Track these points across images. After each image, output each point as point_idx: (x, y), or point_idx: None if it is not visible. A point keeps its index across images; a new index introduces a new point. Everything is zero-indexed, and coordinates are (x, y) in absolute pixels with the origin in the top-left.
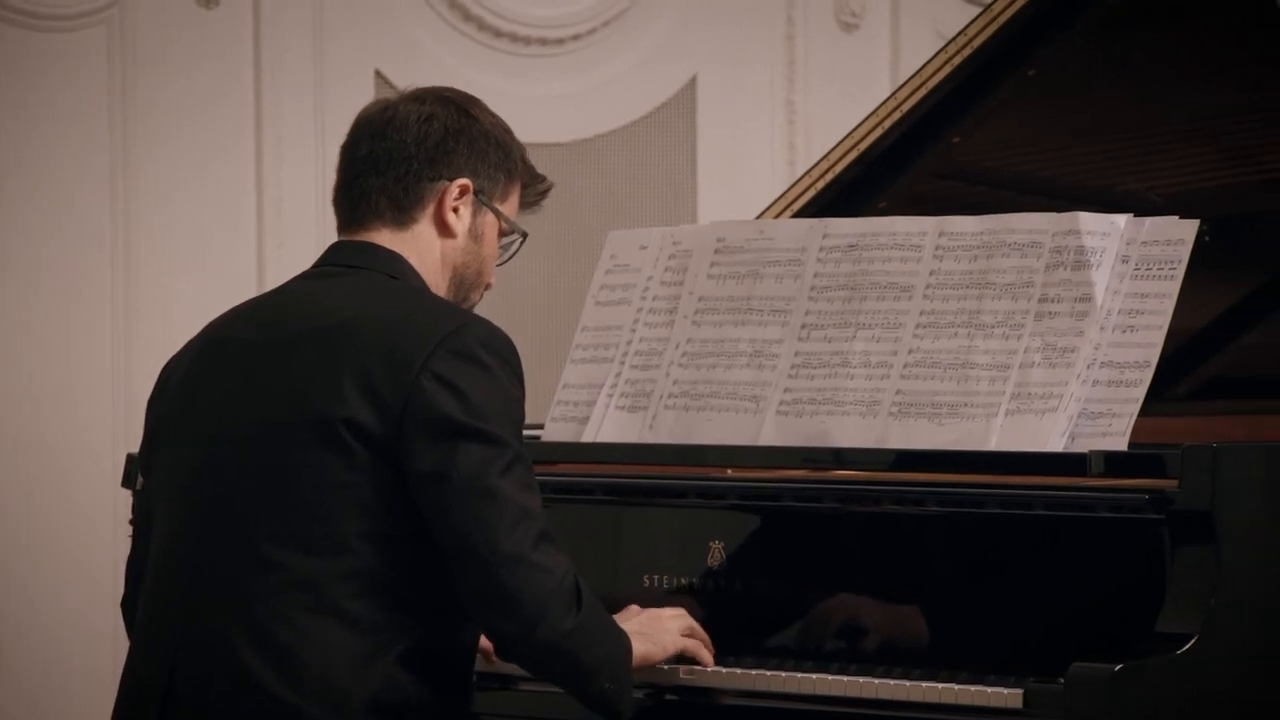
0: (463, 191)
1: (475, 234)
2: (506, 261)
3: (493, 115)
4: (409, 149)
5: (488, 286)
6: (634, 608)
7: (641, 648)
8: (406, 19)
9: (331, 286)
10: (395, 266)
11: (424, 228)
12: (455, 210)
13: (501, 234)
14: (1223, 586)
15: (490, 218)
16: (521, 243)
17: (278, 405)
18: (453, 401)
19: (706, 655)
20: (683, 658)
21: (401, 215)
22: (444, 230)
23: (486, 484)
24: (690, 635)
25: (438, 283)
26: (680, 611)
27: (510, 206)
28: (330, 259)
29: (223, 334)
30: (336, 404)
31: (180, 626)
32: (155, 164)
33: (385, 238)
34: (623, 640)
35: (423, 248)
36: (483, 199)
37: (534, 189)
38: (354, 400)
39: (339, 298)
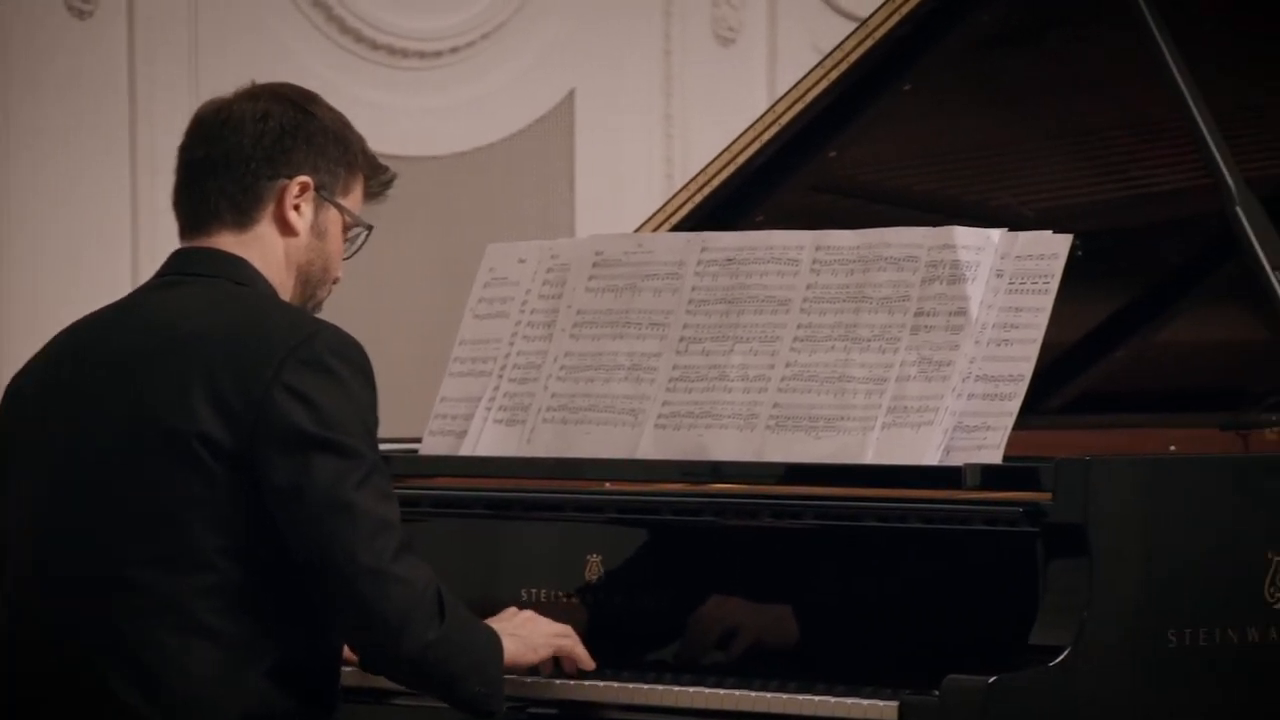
0: (303, 189)
1: (319, 230)
2: (353, 255)
3: (330, 109)
4: (246, 149)
5: (335, 281)
6: (512, 609)
7: (513, 646)
8: (283, 31)
9: (176, 297)
10: (240, 272)
11: (265, 228)
12: (296, 208)
13: (346, 228)
14: (1095, 599)
15: (333, 213)
16: (367, 236)
17: (129, 423)
18: (305, 413)
19: (583, 652)
20: (560, 667)
21: (242, 217)
22: (286, 229)
23: (343, 497)
24: (565, 637)
25: (283, 282)
26: (563, 626)
27: (353, 200)
28: (174, 267)
29: (69, 351)
30: (188, 419)
31: (45, 659)
32: (29, 179)
33: (228, 241)
34: (492, 642)
35: (266, 249)
36: (324, 195)
37: (376, 180)
38: (205, 414)
39: (185, 308)
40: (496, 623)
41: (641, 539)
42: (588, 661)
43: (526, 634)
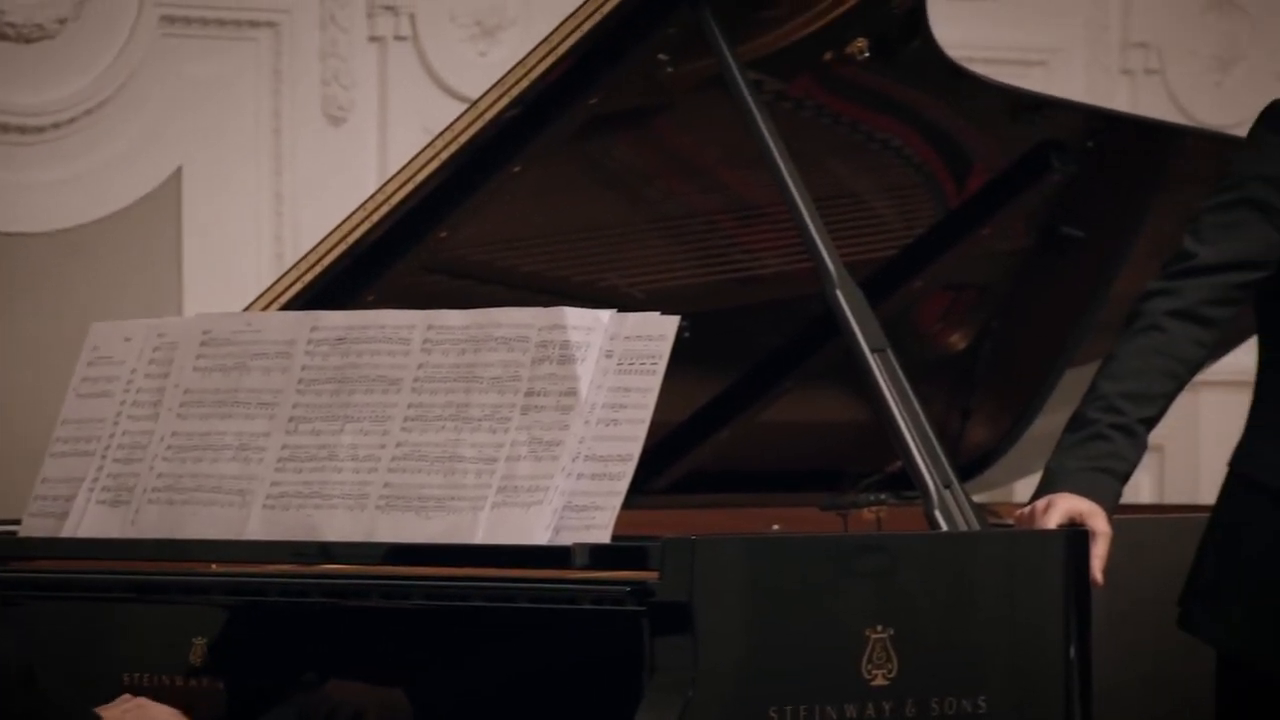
0: None
1: None
2: None
3: None
4: None
5: None
6: (126, 696)
7: None
8: None
9: None
10: None
11: None
12: None
13: None
14: (700, 678)
15: None
16: None
17: None
18: None
19: None
20: None
21: None
22: None
23: None
24: None
25: None
26: (174, 711)
27: None
28: None
29: None
30: None
31: None
32: None
33: None
34: None
35: None
36: None
37: None
38: None
39: None
40: (107, 710)
41: (249, 621)
42: None
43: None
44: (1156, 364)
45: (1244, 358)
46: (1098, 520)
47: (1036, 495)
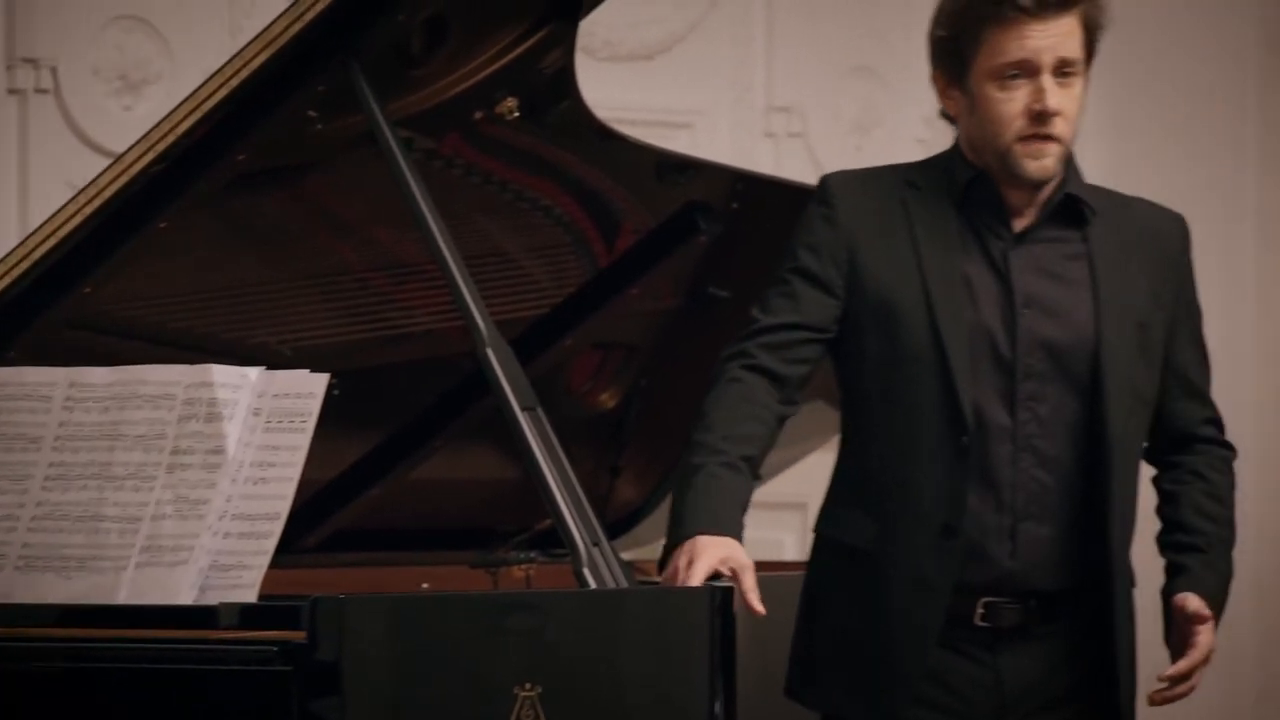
0: None
1: None
2: None
3: None
4: None
5: None
6: None
7: None
8: None
9: None
10: None
11: None
12: None
13: None
14: None
15: None
16: None
17: None
18: None
19: None
20: None
21: None
22: None
23: None
24: None
25: None
26: None
27: None
28: None
29: None
30: None
31: None
32: None
33: None
34: None
35: None
36: None
37: None
38: None
39: None
40: None
41: None
42: None
43: None
44: (743, 410)
45: None
46: (737, 555)
47: (669, 541)
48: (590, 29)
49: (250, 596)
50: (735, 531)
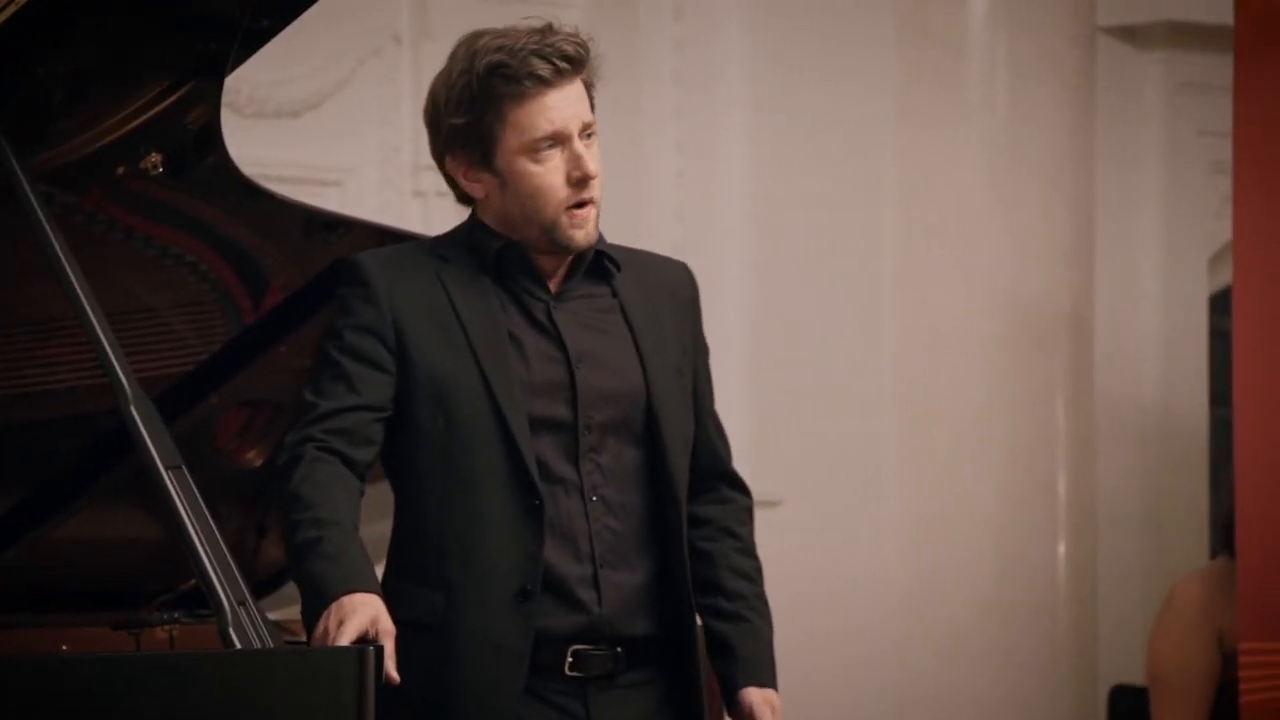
0: None
1: None
2: None
3: None
4: None
5: None
6: None
7: None
8: None
9: None
10: None
11: None
12: None
13: None
14: None
15: None
16: None
17: None
18: None
19: None
20: None
21: None
22: None
23: None
24: None
25: None
26: None
27: None
28: None
29: None
30: None
31: None
32: None
33: None
34: None
35: None
36: None
37: None
38: None
39: None
40: None
41: None
42: None
43: None
44: (338, 487)
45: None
46: (385, 620)
47: (308, 611)
48: (236, 85)
49: None
50: (379, 592)
